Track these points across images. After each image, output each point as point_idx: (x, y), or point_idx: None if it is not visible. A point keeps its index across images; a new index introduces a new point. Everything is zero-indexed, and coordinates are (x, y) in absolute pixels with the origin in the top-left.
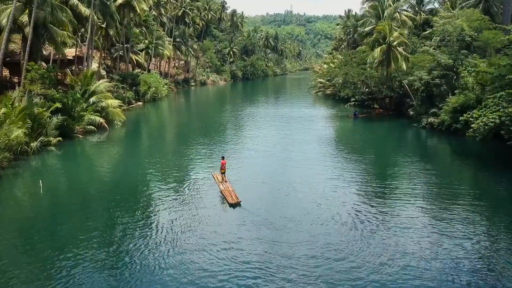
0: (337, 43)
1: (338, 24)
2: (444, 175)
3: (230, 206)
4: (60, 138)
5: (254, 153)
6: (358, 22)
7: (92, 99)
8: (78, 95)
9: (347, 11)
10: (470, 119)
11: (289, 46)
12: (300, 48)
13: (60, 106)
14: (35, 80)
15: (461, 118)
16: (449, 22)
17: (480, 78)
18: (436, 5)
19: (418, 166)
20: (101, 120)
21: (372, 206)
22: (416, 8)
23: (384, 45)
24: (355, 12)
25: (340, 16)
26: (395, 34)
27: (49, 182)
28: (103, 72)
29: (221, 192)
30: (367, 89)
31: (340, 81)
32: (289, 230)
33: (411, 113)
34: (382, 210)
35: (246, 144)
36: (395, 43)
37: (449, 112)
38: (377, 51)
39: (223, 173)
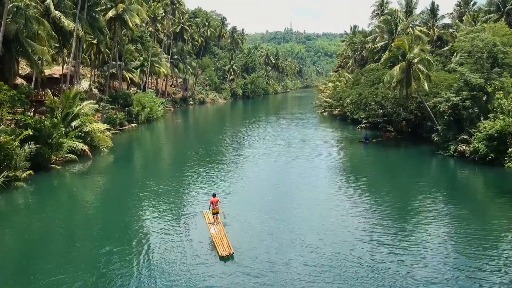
0: (343, 60)
1: (343, 41)
2: (484, 221)
3: (220, 260)
4: (31, 172)
5: (254, 185)
6: (367, 38)
7: (74, 123)
8: (56, 120)
9: (352, 27)
10: None
11: (290, 64)
12: (301, 66)
13: (32, 133)
14: (4, 103)
15: (510, 149)
16: (478, 36)
17: None
18: (450, 20)
19: (450, 207)
20: (84, 147)
21: (396, 262)
22: (429, 24)
23: (403, 63)
24: (362, 28)
25: (346, 33)
26: (416, 50)
27: (10, 227)
28: (95, 91)
29: (211, 237)
30: (381, 111)
31: (348, 100)
32: None
33: (435, 138)
34: (405, 264)
35: (244, 175)
36: (415, 60)
37: (483, 139)
38: (396, 69)
39: (215, 213)
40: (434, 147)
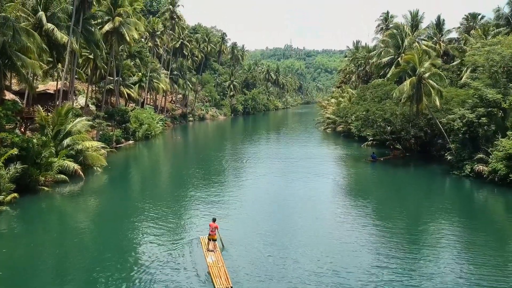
0: (346, 76)
1: (346, 56)
2: (506, 250)
3: None
4: (15, 194)
5: (255, 209)
6: (371, 53)
7: (66, 141)
8: (45, 138)
9: (355, 42)
10: None
11: (290, 80)
12: (301, 82)
13: (18, 152)
14: None
15: None
16: (494, 50)
17: None
18: (456, 34)
19: (468, 233)
20: (76, 166)
21: None
22: (434, 38)
23: (414, 77)
24: (365, 43)
25: (348, 48)
26: (426, 64)
27: None
28: (92, 107)
29: (207, 268)
30: (389, 128)
31: (353, 117)
32: None
33: (449, 157)
34: None
35: (245, 198)
36: (426, 74)
37: (502, 158)
38: (406, 84)
39: (213, 240)
40: (446, 166)
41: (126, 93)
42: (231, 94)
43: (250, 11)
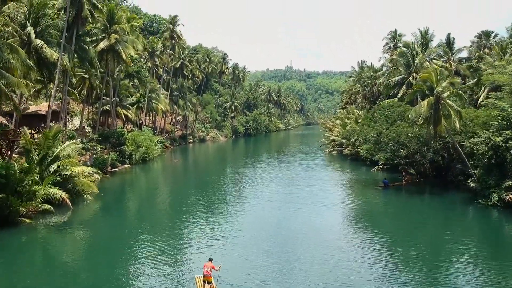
0: (351, 96)
1: (350, 77)
2: None
3: None
4: None
5: (256, 244)
6: (378, 73)
7: (53, 167)
8: (28, 164)
9: (360, 62)
10: None
11: (292, 101)
12: (302, 103)
13: None
14: None
15: None
16: None
17: None
18: (467, 53)
19: (501, 274)
20: (63, 194)
21: None
22: (445, 58)
23: (431, 97)
24: (371, 63)
25: (353, 68)
26: (444, 83)
27: None
28: (88, 129)
29: None
30: (402, 151)
31: (360, 140)
32: None
33: (472, 184)
34: None
35: (246, 230)
36: (445, 94)
37: None
38: (424, 104)
39: (209, 282)
40: (468, 194)
41: (123, 114)
42: (232, 115)
43: (244, 25)
